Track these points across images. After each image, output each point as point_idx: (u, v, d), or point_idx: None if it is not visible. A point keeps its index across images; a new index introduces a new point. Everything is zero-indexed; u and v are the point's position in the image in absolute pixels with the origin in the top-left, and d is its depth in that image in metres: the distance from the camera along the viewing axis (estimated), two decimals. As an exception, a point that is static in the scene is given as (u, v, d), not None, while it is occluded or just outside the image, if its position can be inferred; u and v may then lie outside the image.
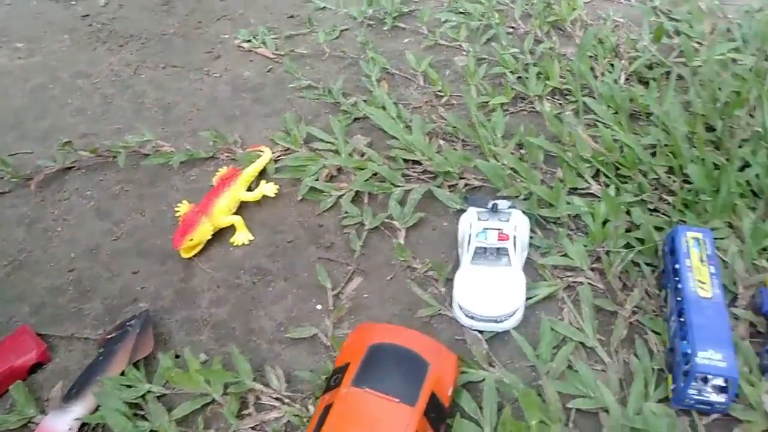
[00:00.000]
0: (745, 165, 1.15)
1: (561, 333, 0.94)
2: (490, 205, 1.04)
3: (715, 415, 0.84)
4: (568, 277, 1.02)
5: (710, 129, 1.23)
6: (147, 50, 1.61)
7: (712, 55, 1.37)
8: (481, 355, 0.91)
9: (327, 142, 1.25)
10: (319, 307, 1.00)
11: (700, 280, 0.90)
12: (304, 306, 1.00)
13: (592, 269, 1.02)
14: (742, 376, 0.87)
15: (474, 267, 0.97)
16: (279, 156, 1.25)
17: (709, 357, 0.81)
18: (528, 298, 0.98)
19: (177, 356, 0.94)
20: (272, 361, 0.93)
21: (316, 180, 1.17)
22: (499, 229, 1.00)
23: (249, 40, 1.59)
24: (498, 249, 0.98)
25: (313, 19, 1.64)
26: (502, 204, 1.04)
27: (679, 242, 0.96)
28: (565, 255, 1.04)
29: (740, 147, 1.17)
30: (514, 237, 0.99)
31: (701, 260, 0.93)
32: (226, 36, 1.63)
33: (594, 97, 1.33)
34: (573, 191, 1.14)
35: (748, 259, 1.01)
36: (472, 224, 1.02)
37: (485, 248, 0.98)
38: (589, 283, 1.01)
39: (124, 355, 0.91)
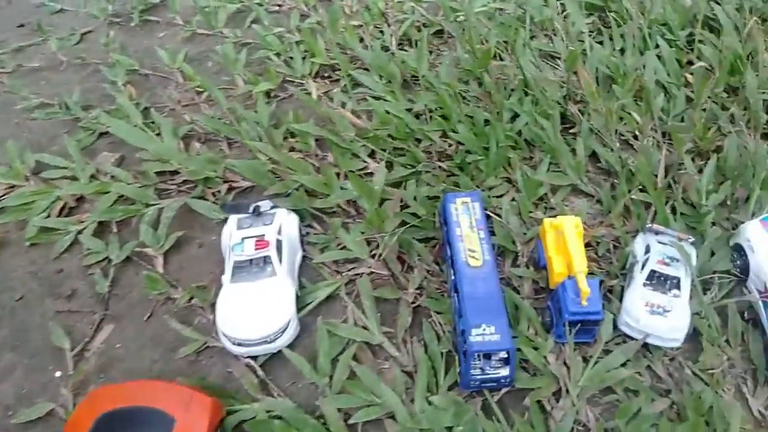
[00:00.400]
0: (516, 116, 1.12)
1: (344, 336, 0.85)
2: (251, 209, 0.92)
3: (505, 390, 0.79)
4: (350, 271, 0.93)
5: (481, 84, 1.19)
6: None
7: (472, 8, 1.33)
8: (253, 386, 0.79)
9: (62, 168, 1.06)
10: (58, 374, 0.82)
11: (471, 248, 0.84)
12: (38, 377, 0.82)
13: (374, 256, 0.94)
14: (526, 340, 0.83)
15: (234, 286, 0.85)
16: (2, 195, 1.04)
17: (482, 332, 0.75)
18: (305, 305, 0.88)
19: None
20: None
21: (47, 217, 0.98)
22: (260, 236, 0.88)
23: (-35, 61, 1.33)
24: (264, 258, 0.86)
25: (43, 25, 1.40)
26: (264, 205, 0.92)
27: (449, 211, 0.90)
28: (344, 247, 0.95)
29: (508, 98, 1.14)
30: (278, 241, 0.88)
31: (471, 227, 0.87)
32: (-63, 60, 1.35)
33: (366, 69, 1.24)
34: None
35: (525, 212, 0.97)
36: (231, 235, 0.90)
37: (248, 260, 0.86)
38: (372, 272, 0.93)
39: None
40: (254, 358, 0.83)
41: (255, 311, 0.82)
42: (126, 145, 1.11)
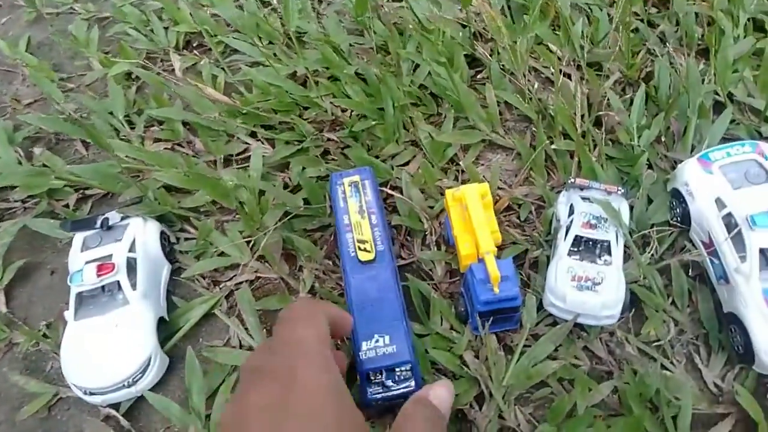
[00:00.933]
0: (417, 68, 0.96)
1: (224, 363, 0.70)
2: (98, 223, 0.75)
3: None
4: (230, 280, 0.78)
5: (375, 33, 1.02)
6: None
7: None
8: (112, 445, 0.65)
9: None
10: None
11: (361, 239, 0.70)
12: None
13: (260, 259, 0.79)
14: (439, 337, 0.69)
15: (80, 323, 0.69)
16: None
17: (374, 346, 0.61)
18: (176, 331, 0.73)
19: None
20: None
21: None
22: (105, 257, 0.72)
23: None
24: (113, 284, 0.71)
25: None
26: (112, 217, 0.76)
27: (336, 195, 0.74)
28: (222, 253, 0.79)
29: (404, 48, 0.98)
30: (130, 259, 0.72)
31: (361, 211, 0.72)
32: None
33: (239, 32, 1.06)
34: (229, 161, 0.89)
35: (432, 181, 0.82)
36: (74, 259, 0.74)
37: (92, 290, 0.70)
38: (258, 278, 0.78)
39: None
40: (117, 405, 0.68)
41: (105, 352, 0.66)
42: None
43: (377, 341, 0.61)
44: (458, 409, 0.65)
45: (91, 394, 0.66)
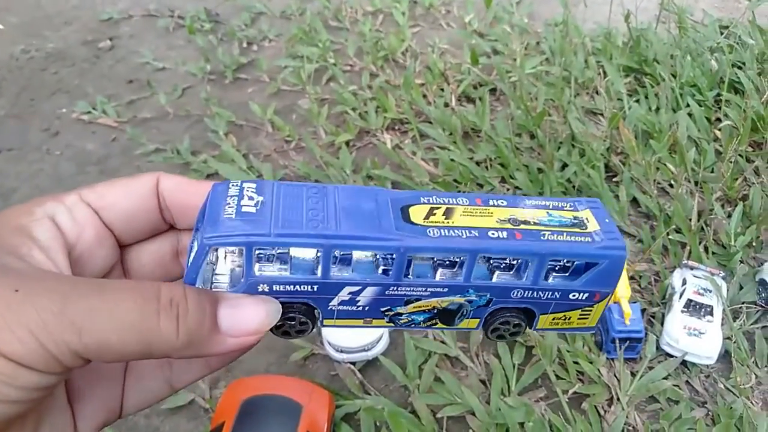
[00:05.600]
0: (565, 165, 1.30)
1: (426, 349, 1.01)
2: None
3: (572, 391, 0.94)
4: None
5: (533, 137, 1.38)
6: (-23, 136, 1.53)
7: (523, 70, 1.53)
8: (355, 386, 0.96)
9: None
10: (192, 371, 1.00)
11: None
12: (177, 374, 1.00)
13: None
14: (583, 354, 0.98)
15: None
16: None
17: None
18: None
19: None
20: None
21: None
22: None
23: (89, 112, 1.55)
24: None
25: (152, 81, 1.63)
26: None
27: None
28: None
29: (558, 150, 1.32)
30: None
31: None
32: (64, 110, 1.58)
33: (430, 122, 1.44)
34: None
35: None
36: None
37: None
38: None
39: None
40: (353, 364, 0.99)
41: (354, 325, 0.99)
42: (230, 185, 1.30)
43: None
44: (593, 405, 0.93)
45: (341, 351, 0.98)
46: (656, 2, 1.71)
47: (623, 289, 0.93)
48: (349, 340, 0.98)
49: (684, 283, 1.02)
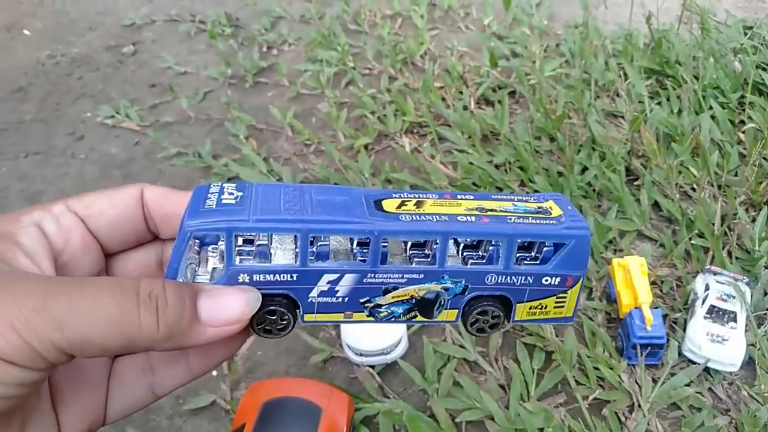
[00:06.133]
0: (585, 168, 1.29)
1: (445, 353, 1.01)
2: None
3: (591, 398, 0.93)
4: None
5: (553, 140, 1.37)
6: (3, 141, 1.56)
7: (542, 72, 1.52)
8: (374, 389, 0.96)
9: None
10: (214, 373, 1.01)
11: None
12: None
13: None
14: (603, 360, 0.97)
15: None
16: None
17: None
18: (410, 326, 1.05)
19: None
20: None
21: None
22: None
23: (112, 116, 1.58)
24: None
25: (174, 85, 1.65)
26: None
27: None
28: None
29: (578, 153, 1.31)
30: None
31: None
32: (88, 114, 1.61)
33: (449, 125, 1.44)
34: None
35: (597, 253, 1.13)
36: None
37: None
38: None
39: None
40: (372, 367, 1.00)
41: (374, 328, 0.99)
42: (251, 189, 1.31)
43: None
44: (614, 412, 0.92)
45: (360, 354, 0.98)
46: (678, 3, 1.70)
47: (644, 294, 0.92)
48: (368, 343, 0.98)
49: (707, 288, 1.01)
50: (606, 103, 1.46)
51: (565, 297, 0.37)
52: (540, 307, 0.37)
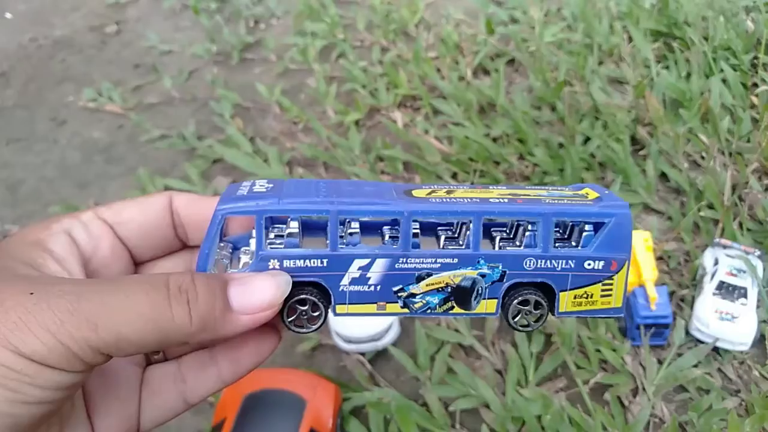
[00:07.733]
0: (587, 139, 1.22)
1: (438, 338, 0.96)
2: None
3: (592, 382, 0.88)
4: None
5: (553, 109, 1.30)
6: (-15, 127, 1.51)
7: (542, 39, 1.44)
8: (364, 378, 0.91)
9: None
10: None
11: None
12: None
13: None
14: (605, 342, 0.92)
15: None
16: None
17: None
18: (403, 310, 1.00)
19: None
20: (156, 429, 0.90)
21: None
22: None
23: (95, 99, 1.52)
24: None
25: (158, 65, 1.59)
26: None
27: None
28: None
29: (580, 122, 1.24)
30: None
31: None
32: (71, 98, 1.56)
33: (444, 98, 1.37)
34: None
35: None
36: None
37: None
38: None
39: None
40: (362, 354, 0.95)
41: (363, 314, 0.94)
42: (238, 170, 1.27)
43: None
44: (617, 396, 0.87)
45: (350, 342, 0.94)
46: (686, -40, 1.60)
47: (649, 271, 0.85)
48: (358, 329, 0.93)
49: (716, 263, 0.95)
50: (610, 69, 1.38)
51: (611, 283, 0.34)
52: (585, 296, 0.34)
